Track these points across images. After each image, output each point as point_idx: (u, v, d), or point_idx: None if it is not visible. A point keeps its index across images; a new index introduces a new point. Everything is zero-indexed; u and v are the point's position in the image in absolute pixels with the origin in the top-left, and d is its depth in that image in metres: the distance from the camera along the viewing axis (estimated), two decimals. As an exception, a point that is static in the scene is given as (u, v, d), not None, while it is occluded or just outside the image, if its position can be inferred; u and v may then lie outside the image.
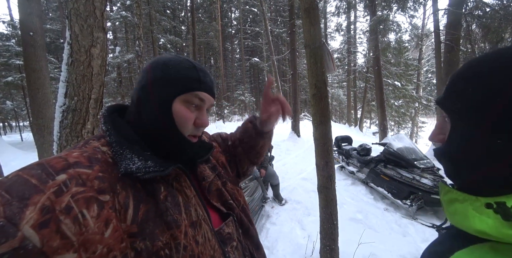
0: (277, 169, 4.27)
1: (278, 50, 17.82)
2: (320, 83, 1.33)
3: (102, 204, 0.30)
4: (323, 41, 1.37)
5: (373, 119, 19.91)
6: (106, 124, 0.40)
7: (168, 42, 11.21)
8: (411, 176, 2.71)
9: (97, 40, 1.78)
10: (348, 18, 15.35)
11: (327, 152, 1.38)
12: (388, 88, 12.96)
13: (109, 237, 0.29)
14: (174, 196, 0.39)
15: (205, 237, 0.41)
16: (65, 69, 1.74)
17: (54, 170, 0.30)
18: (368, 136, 13.67)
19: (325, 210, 1.44)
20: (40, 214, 0.25)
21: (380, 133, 8.21)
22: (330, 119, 1.40)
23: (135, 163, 0.36)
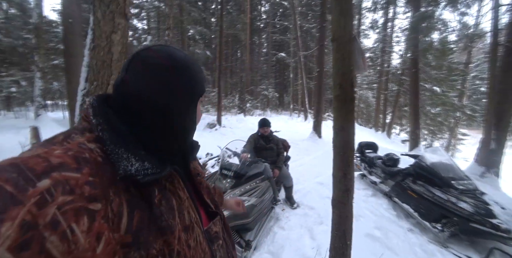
0: (292, 170, 4.11)
1: (306, 46, 17.20)
2: (346, 84, 1.14)
3: (93, 214, 0.26)
4: (354, 35, 1.17)
5: (403, 126, 18.48)
6: (97, 117, 0.35)
7: (197, 33, 11.37)
8: (445, 197, 2.37)
9: (118, 26, 1.76)
10: (385, 15, 14.15)
11: (346, 163, 1.20)
12: (425, 93, 11.81)
13: (101, 252, 0.26)
14: (168, 200, 0.37)
15: (196, 241, 0.40)
16: (87, 54, 1.76)
17: (33, 174, 0.24)
18: (396, 144, 12.72)
19: (338, 227, 1.28)
20: (20, 233, 0.21)
21: (411, 142, 7.53)
22: (354, 125, 1.21)
23: (133, 165, 0.32)
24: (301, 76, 13.21)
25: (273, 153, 3.02)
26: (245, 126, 9.38)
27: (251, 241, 2.04)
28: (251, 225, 1.98)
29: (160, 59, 0.38)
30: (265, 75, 21.30)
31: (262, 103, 17.51)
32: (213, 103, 13.65)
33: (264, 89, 17.00)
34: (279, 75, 23.96)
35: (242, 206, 0.84)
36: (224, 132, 7.97)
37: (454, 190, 2.39)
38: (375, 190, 3.63)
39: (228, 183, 2.17)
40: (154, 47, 0.39)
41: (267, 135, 3.00)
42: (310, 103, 16.51)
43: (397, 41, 14.89)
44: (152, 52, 0.38)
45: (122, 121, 0.36)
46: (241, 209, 0.82)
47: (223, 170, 2.28)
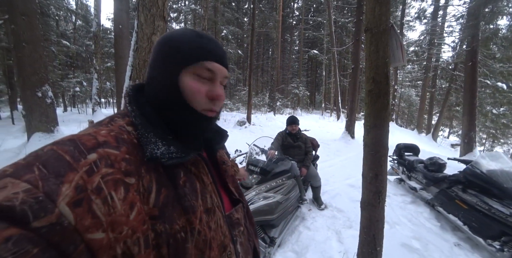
0: (321, 170, 3.97)
1: (340, 42, 16.30)
2: (380, 77, 1.05)
3: (128, 186, 0.31)
4: (392, 23, 1.07)
5: (454, 128, 16.27)
6: (131, 104, 0.39)
7: (230, 33, 11.69)
8: (507, 211, 2.02)
9: (158, 28, 1.91)
10: (436, 2, 12.47)
11: (378, 163, 1.11)
12: (485, 90, 10.16)
13: (133, 219, 0.30)
14: (192, 182, 0.40)
15: (217, 224, 0.42)
16: (131, 55, 1.96)
17: (85, 148, 0.30)
18: (443, 148, 11.29)
19: (367, 231, 1.19)
20: (75, 193, 0.26)
21: (463, 146, 6.59)
22: (388, 123, 1.11)
23: (159, 148, 0.36)
24: (335, 73, 12.58)
25: (301, 152, 2.95)
26: (275, 124, 9.35)
27: (276, 238, 2.04)
28: (275, 222, 1.98)
29: (158, 40, 0.42)
30: (296, 73, 20.85)
31: (292, 102, 17.21)
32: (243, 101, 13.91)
33: (295, 88, 16.65)
34: (310, 73, 23.23)
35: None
36: (253, 130, 8.08)
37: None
38: (414, 197, 3.28)
39: (254, 179, 2.20)
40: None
41: (295, 133, 2.95)
42: (344, 102, 15.64)
43: (450, 32, 13.06)
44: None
45: (152, 108, 0.40)
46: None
47: (250, 166, 2.31)
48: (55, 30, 10.30)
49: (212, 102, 0.41)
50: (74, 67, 11.58)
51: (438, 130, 13.49)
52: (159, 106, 0.40)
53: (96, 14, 7.27)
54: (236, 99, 15.00)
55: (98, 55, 7.57)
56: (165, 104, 0.40)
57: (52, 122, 4.07)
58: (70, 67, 11.31)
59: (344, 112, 13.03)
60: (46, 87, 3.87)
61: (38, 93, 3.74)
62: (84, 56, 11.36)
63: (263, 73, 22.02)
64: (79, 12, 12.00)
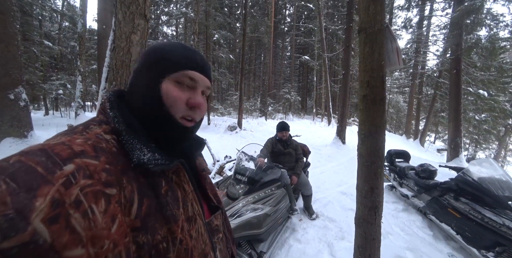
0: (312, 177, 3.86)
1: (331, 48, 16.65)
2: (376, 81, 0.96)
3: (109, 198, 0.29)
4: (386, 23, 0.99)
5: (439, 134, 16.79)
6: (114, 110, 0.38)
7: (222, 38, 11.64)
8: (500, 220, 1.97)
9: (138, 27, 1.78)
10: (421, 12, 13.01)
11: (374, 175, 1.01)
12: (468, 98, 10.54)
13: (115, 232, 0.29)
14: (174, 191, 0.39)
15: (198, 232, 0.42)
16: (108, 55, 1.80)
17: (60, 158, 0.28)
18: (430, 153, 11.56)
19: (363, 251, 1.08)
20: (51, 207, 0.24)
21: (450, 151, 6.71)
22: (384, 131, 1.01)
23: (145, 155, 0.35)
24: (325, 79, 12.74)
25: (291, 159, 2.84)
26: (266, 129, 9.26)
27: (264, 253, 1.89)
28: (263, 236, 1.84)
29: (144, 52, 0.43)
30: (288, 78, 21.04)
31: (284, 107, 17.26)
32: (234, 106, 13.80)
33: (287, 93, 16.73)
34: (302, 79, 23.53)
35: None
36: (244, 135, 7.94)
37: (511, 212, 1.98)
38: (406, 204, 3.23)
39: (241, 189, 2.05)
40: None
41: (285, 140, 2.84)
42: (334, 107, 15.84)
43: (434, 41, 13.63)
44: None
45: (135, 116, 0.39)
46: None
47: (237, 175, 2.17)
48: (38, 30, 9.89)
49: (192, 110, 0.41)
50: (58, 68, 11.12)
51: (425, 135, 13.85)
52: (140, 113, 0.40)
53: (81, 14, 7.02)
54: (227, 103, 14.86)
55: (82, 57, 7.26)
56: (145, 111, 0.39)
57: (26, 127, 3.77)
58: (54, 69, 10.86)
59: (335, 117, 13.15)
60: (20, 89, 3.60)
61: (10, 95, 3.47)
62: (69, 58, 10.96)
63: (255, 78, 22.07)
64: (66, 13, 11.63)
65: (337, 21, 16.47)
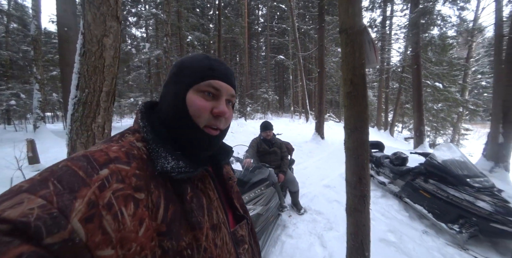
0: (297, 173, 3.97)
1: (304, 47, 17.20)
2: (358, 79, 1.04)
3: (137, 202, 0.30)
4: (365, 25, 1.07)
5: (405, 123, 18.28)
6: (143, 120, 0.41)
7: (196, 39, 11.37)
8: (461, 196, 2.23)
9: (110, 30, 1.67)
10: (383, 12, 14.10)
11: (361, 166, 1.08)
12: (427, 90, 11.65)
13: (142, 235, 0.29)
14: (199, 198, 0.39)
15: (223, 241, 0.42)
16: (78, 60, 1.67)
17: (97, 163, 0.30)
18: (399, 141, 12.54)
19: (355, 237, 1.15)
20: (87, 208, 0.26)
21: (416, 139, 7.36)
22: (368, 125, 1.10)
23: (170, 163, 0.36)
24: (301, 77, 13.15)
25: (277, 157, 2.90)
26: (246, 130, 9.28)
27: (259, 251, 1.91)
28: (257, 236, 1.86)
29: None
30: (265, 78, 21.28)
31: (262, 107, 17.43)
32: (213, 108, 13.53)
33: (264, 92, 16.92)
34: (278, 78, 23.96)
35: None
36: (225, 137, 7.86)
37: (469, 188, 2.25)
38: (384, 191, 3.49)
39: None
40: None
41: (269, 139, 2.89)
42: (311, 104, 16.41)
43: (396, 39, 14.82)
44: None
45: (163, 125, 0.41)
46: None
47: (226, 177, 2.16)
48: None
49: (216, 119, 0.42)
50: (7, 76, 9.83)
51: (394, 126, 15.01)
52: (168, 123, 0.41)
53: (34, 15, 6.30)
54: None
55: (39, 63, 6.50)
56: (173, 121, 0.41)
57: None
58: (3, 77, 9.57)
59: (312, 114, 13.64)
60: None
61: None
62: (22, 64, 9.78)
63: (231, 79, 21.91)
64: (14, 13, 10.37)
65: (309, 21, 17.07)
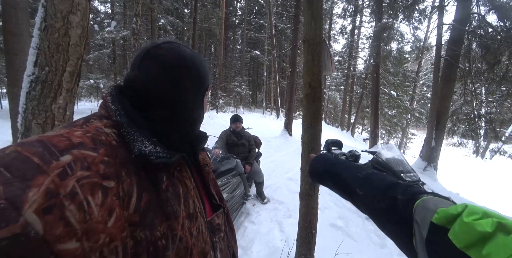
0: (264, 166, 4.20)
1: (280, 45, 17.55)
2: (315, 83, 1.22)
3: (106, 191, 0.28)
4: (324, 38, 1.25)
5: (365, 126, 20.22)
6: (116, 103, 0.38)
7: (169, 24, 10.72)
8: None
9: (78, 7, 1.57)
10: (353, 22, 15.23)
11: (314, 157, 1.28)
12: (384, 97, 13.08)
13: (112, 226, 0.28)
14: (175, 187, 0.39)
15: (199, 230, 0.41)
16: (37, 35, 1.54)
17: (57, 149, 0.27)
18: (358, 142, 13.86)
19: (305, 218, 1.36)
20: (45, 198, 0.23)
21: (371, 140, 8.28)
22: (321, 123, 1.29)
23: (147, 147, 0.35)
24: (274, 75, 13.47)
25: (245, 149, 3.05)
26: (217, 122, 9.24)
27: (222, 236, 2.04)
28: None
29: (171, 58, 0.41)
30: (239, 72, 21.15)
31: (235, 100, 17.39)
32: (184, 98, 13.03)
33: (238, 86, 16.88)
34: (253, 73, 24.03)
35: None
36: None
37: (402, 181, 2.71)
38: (338, 184, 3.92)
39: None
40: (163, 45, 0.42)
41: (239, 131, 3.01)
42: (283, 101, 16.96)
43: (362, 48, 16.14)
44: (162, 50, 0.41)
45: (138, 110, 0.39)
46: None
47: (194, 166, 2.23)
48: None
49: None
50: None
51: (355, 127, 16.51)
52: (169, 114, 0.41)
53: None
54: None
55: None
56: (190, 120, 0.45)
57: None
58: None
59: (283, 111, 14.15)
60: None
61: None
62: None
63: (205, 70, 21.23)
64: None
65: (286, 20, 17.41)
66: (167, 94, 0.41)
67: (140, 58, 0.41)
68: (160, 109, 0.41)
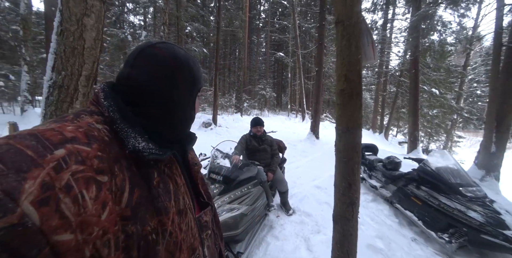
0: (288, 172, 3.91)
1: (305, 46, 17.06)
2: (353, 75, 0.94)
3: (100, 185, 0.29)
4: (363, 16, 0.97)
5: (400, 128, 18.45)
6: (108, 99, 0.38)
7: (195, 30, 11.10)
8: (453, 205, 2.19)
9: (92, 9, 1.53)
10: (385, 15, 14.04)
11: (352, 171, 0.99)
12: (423, 95, 11.72)
13: (105, 219, 0.28)
14: (166, 183, 0.40)
15: (188, 225, 0.42)
16: (54, 39, 1.52)
17: (50, 143, 0.27)
18: (393, 145, 12.63)
19: (340, 247, 1.07)
20: (40, 190, 0.24)
21: (409, 144, 7.39)
22: (361, 126, 1.01)
23: (140, 143, 0.35)
24: (299, 76, 13.04)
25: (267, 155, 2.81)
26: (242, 125, 9.17)
27: (241, 253, 1.83)
28: (241, 237, 1.78)
29: (165, 57, 0.41)
30: (263, 74, 21.09)
31: (259, 103, 17.30)
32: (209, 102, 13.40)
33: (262, 89, 16.77)
34: (277, 75, 23.81)
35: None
36: (219, 132, 7.75)
37: (461, 197, 2.21)
38: (375, 195, 3.45)
39: (216, 189, 1.95)
40: (158, 45, 0.42)
41: (260, 136, 2.79)
42: (308, 103, 16.36)
43: (396, 42, 14.82)
44: (157, 49, 0.41)
45: (128, 106, 0.39)
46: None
47: (211, 174, 2.07)
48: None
49: None
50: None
51: (389, 129, 15.11)
52: (161, 112, 0.41)
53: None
54: (202, 99, 14.31)
55: (28, 44, 6.23)
56: (181, 118, 0.44)
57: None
58: (-10, 57, 9.24)
59: (309, 113, 13.59)
60: None
61: None
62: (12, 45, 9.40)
63: (230, 74, 21.69)
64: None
65: (310, 19, 16.90)
66: (159, 92, 0.41)
67: (134, 56, 0.41)
68: (152, 107, 0.41)
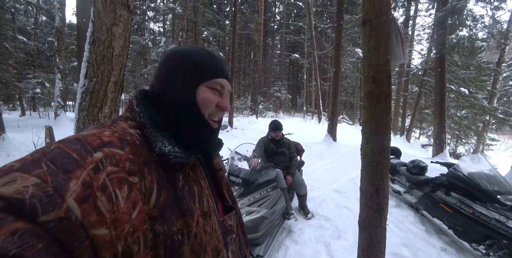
0: (306, 175, 3.83)
1: (320, 46, 16.78)
2: (382, 76, 0.91)
3: (131, 186, 0.31)
4: (393, 15, 0.93)
5: (424, 130, 17.42)
6: (140, 106, 0.41)
7: (211, 35, 11.39)
8: (490, 214, 2.01)
9: (120, 18, 1.63)
10: (407, 12, 13.40)
11: (380, 176, 0.95)
12: (450, 95, 10.96)
13: (135, 218, 0.30)
14: (190, 186, 0.41)
15: (212, 228, 0.43)
16: (87, 48, 1.64)
17: (91, 147, 0.31)
18: (416, 148, 11.95)
19: (367, 255, 1.03)
20: (82, 189, 0.26)
21: (435, 147, 6.94)
22: (390, 130, 0.96)
23: (166, 147, 0.37)
24: (315, 77, 12.83)
25: (285, 158, 2.78)
26: (257, 128, 9.19)
27: (261, 256, 1.82)
28: (260, 240, 1.77)
29: (166, 55, 0.45)
30: (278, 76, 21.04)
31: (274, 105, 17.25)
32: (225, 105, 13.57)
33: (277, 91, 16.72)
34: (292, 77, 23.63)
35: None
36: (235, 134, 7.83)
37: (500, 206, 2.02)
38: (398, 200, 3.27)
39: (235, 191, 1.97)
40: (170, 48, 0.41)
41: (278, 139, 2.77)
42: (324, 105, 16.02)
43: (418, 40, 14.07)
44: (165, 53, 0.45)
45: (160, 114, 0.42)
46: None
47: (231, 177, 2.08)
48: (10, 24, 9.18)
49: (218, 111, 0.46)
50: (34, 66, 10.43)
51: (411, 131, 14.31)
52: (173, 114, 0.43)
53: (59, 7, 6.57)
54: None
55: (62, 53, 6.81)
56: (180, 112, 0.43)
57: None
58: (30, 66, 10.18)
59: (325, 115, 13.30)
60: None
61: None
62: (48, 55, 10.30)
63: (245, 76, 21.90)
64: (42, 7, 10.90)
65: (326, 20, 16.62)
66: (158, 87, 0.44)
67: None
68: (171, 109, 0.43)
